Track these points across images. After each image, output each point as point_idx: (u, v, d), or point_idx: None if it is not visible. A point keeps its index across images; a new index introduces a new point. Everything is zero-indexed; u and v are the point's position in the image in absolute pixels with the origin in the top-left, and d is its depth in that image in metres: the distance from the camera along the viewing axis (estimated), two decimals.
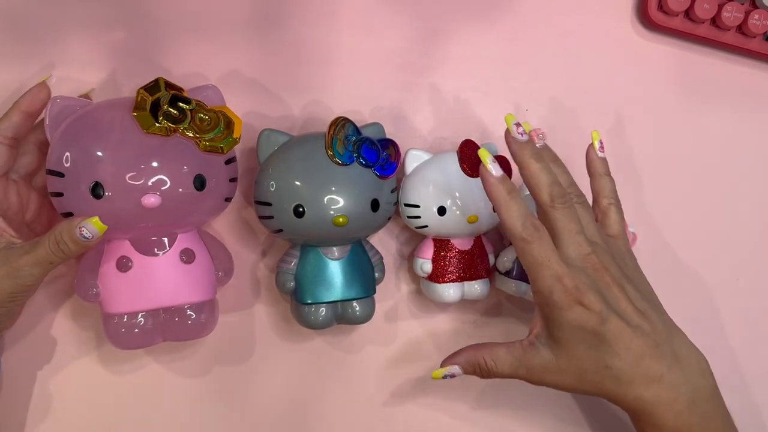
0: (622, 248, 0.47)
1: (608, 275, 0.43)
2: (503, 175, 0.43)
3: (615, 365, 0.42)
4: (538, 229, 0.42)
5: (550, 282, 0.41)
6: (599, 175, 0.48)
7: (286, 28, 0.54)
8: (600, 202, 0.48)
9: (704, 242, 0.60)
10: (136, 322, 0.45)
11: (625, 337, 0.42)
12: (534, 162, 0.44)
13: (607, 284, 0.43)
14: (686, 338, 0.45)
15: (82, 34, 0.51)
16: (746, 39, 0.58)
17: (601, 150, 0.49)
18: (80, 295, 0.46)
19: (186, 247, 0.46)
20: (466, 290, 0.52)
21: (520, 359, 0.44)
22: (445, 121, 0.56)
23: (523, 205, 0.42)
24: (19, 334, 0.50)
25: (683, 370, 0.43)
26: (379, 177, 0.48)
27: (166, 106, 0.42)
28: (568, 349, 0.43)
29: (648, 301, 0.44)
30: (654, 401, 0.43)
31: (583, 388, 0.44)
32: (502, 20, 0.57)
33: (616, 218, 0.47)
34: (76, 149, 0.43)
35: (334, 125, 0.47)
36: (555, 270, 0.41)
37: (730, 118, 0.60)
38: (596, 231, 0.45)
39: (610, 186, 0.48)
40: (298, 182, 0.46)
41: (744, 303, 0.60)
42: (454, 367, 0.46)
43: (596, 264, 0.43)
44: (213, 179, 0.45)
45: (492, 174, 0.42)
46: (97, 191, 0.42)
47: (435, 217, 0.50)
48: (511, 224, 0.42)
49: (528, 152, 0.44)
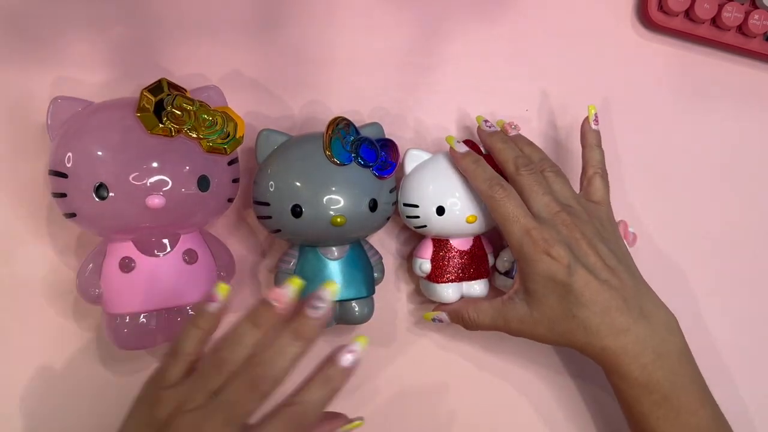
0: (603, 215, 0.49)
1: (578, 232, 0.45)
2: (468, 149, 0.48)
3: (581, 315, 0.44)
4: (504, 188, 0.46)
5: (519, 235, 0.45)
6: (590, 147, 0.51)
7: (287, 29, 0.54)
8: (587, 171, 0.50)
9: (704, 242, 0.60)
10: (139, 322, 0.45)
11: (591, 289, 0.44)
12: (500, 143, 0.49)
13: (577, 240, 0.45)
14: (656, 297, 0.47)
15: (83, 34, 0.50)
16: (746, 39, 0.59)
17: (595, 123, 0.51)
18: (82, 295, 0.46)
19: (189, 248, 0.46)
20: (465, 290, 0.52)
21: (499, 311, 0.47)
22: (444, 121, 0.56)
23: (489, 168, 0.47)
24: (19, 334, 0.50)
25: (651, 325, 0.45)
26: (377, 177, 0.48)
27: (170, 106, 0.42)
28: (539, 299, 0.45)
29: (619, 260, 0.46)
30: (620, 352, 0.44)
31: (554, 338, 0.46)
32: (502, 20, 0.57)
33: (599, 186, 0.50)
34: (78, 150, 0.43)
35: (332, 125, 0.47)
36: (523, 223, 0.45)
37: (730, 118, 0.60)
38: (571, 195, 0.48)
39: (599, 157, 0.51)
40: (296, 182, 0.46)
41: (743, 303, 0.60)
42: (442, 313, 0.51)
43: (566, 220, 0.45)
44: (216, 180, 0.45)
45: (458, 151, 0.48)
46: (101, 192, 0.42)
47: (434, 217, 0.50)
48: (478, 186, 0.47)
49: (495, 137, 0.49)
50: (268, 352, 0.36)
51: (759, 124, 0.61)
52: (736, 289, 0.61)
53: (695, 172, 0.60)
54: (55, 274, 0.50)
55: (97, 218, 0.43)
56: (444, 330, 0.55)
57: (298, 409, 0.35)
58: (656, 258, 0.59)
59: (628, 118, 0.59)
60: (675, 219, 0.60)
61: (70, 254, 0.50)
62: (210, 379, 0.36)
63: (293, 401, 0.36)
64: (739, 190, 0.61)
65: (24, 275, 0.50)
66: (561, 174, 0.49)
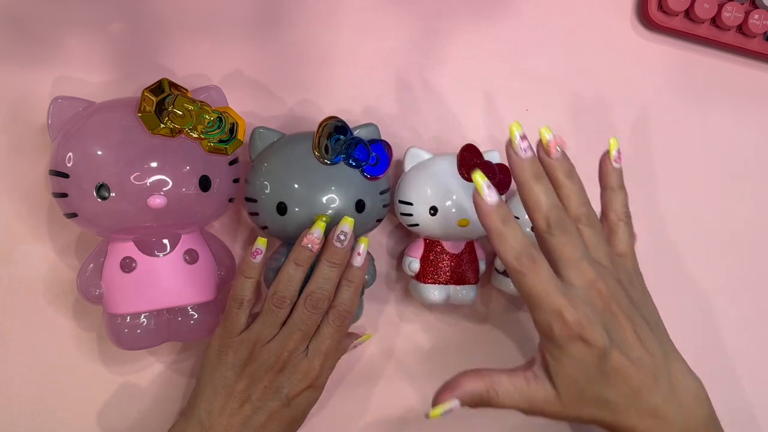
0: (630, 268, 0.45)
1: (615, 304, 0.41)
2: (498, 201, 0.40)
3: (611, 396, 0.41)
4: (534, 260, 0.39)
5: (548, 317, 0.39)
6: (611, 189, 0.46)
7: (288, 28, 0.54)
8: (609, 217, 0.45)
9: (704, 242, 0.60)
10: (140, 322, 0.45)
11: (624, 371, 0.40)
12: (533, 180, 0.41)
13: (614, 314, 0.41)
14: (685, 365, 0.44)
15: (84, 34, 0.50)
16: (746, 39, 0.58)
17: (617, 160, 0.46)
18: (83, 295, 0.46)
19: (189, 248, 0.46)
20: (452, 294, 0.52)
21: (524, 393, 0.42)
22: (443, 122, 0.56)
23: (518, 232, 0.40)
24: (20, 334, 0.50)
25: (679, 402, 0.42)
26: (368, 178, 0.47)
27: (171, 107, 0.42)
28: (566, 382, 0.41)
29: (652, 328, 0.43)
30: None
31: (578, 417, 0.42)
32: (502, 20, 0.57)
33: (624, 236, 0.45)
34: (80, 150, 0.43)
35: (322, 125, 0.46)
36: (554, 304, 0.39)
37: (730, 118, 0.60)
38: (605, 252, 0.42)
39: (622, 200, 0.46)
40: (283, 180, 0.46)
41: (743, 303, 0.61)
42: (454, 401, 0.42)
43: (602, 292, 0.40)
44: (217, 180, 0.45)
45: (486, 201, 0.40)
46: (102, 192, 0.42)
47: (427, 217, 0.50)
48: (504, 256, 0.40)
49: (528, 172, 0.41)
50: (316, 280, 0.46)
51: (759, 124, 0.61)
52: (736, 289, 0.61)
53: (695, 171, 0.60)
54: (55, 274, 0.50)
55: (98, 218, 0.43)
56: (435, 331, 0.55)
57: (339, 308, 0.46)
58: (656, 257, 0.59)
59: (627, 118, 0.59)
60: (675, 218, 0.60)
61: (70, 254, 0.50)
62: (277, 314, 0.46)
63: (333, 305, 0.46)
64: (739, 190, 0.61)
65: (24, 275, 0.50)
66: (596, 224, 0.43)
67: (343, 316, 0.46)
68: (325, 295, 0.46)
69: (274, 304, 0.45)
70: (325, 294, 0.46)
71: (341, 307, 0.46)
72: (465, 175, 0.49)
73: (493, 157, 0.51)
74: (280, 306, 0.45)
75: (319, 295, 0.45)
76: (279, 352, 0.45)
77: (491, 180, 0.47)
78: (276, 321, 0.46)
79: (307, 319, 0.45)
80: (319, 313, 0.46)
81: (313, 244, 0.45)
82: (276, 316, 0.45)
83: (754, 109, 0.61)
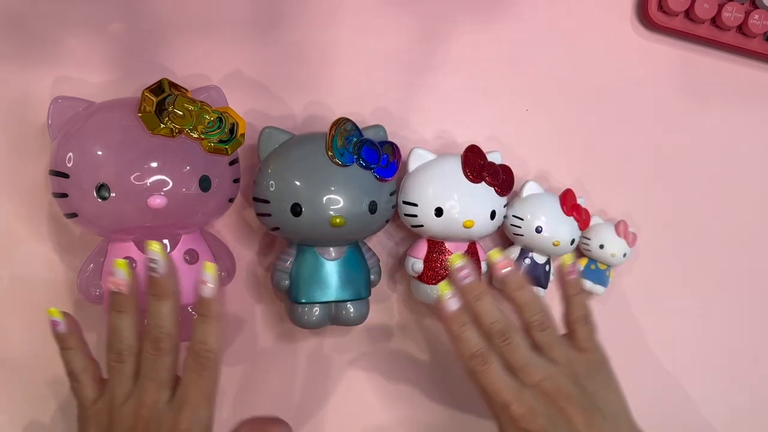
0: (592, 362, 0.46)
1: (563, 398, 0.43)
2: (458, 309, 0.43)
3: None
4: (485, 361, 0.43)
5: (498, 410, 0.43)
6: (569, 297, 0.48)
7: (288, 29, 0.54)
8: (569, 320, 0.47)
9: (704, 241, 0.60)
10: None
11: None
12: (474, 302, 0.44)
13: (561, 408, 0.43)
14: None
15: (84, 34, 0.50)
16: (746, 39, 0.59)
17: (570, 274, 0.48)
18: (83, 295, 0.46)
19: (190, 248, 0.46)
20: None
21: None
22: (445, 122, 0.56)
23: (473, 336, 0.43)
24: (20, 334, 0.50)
25: None
26: (378, 179, 0.48)
27: (171, 107, 0.42)
28: None
29: (606, 417, 0.44)
30: None
31: None
32: (503, 20, 0.57)
33: (584, 335, 0.47)
34: (80, 150, 0.43)
35: (335, 125, 0.46)
36: (502, 399, 0.42)
37: (730, 118, 0.60)
38: (561, 352, 0.45)
39: (579, 303, 0.47)
40: (297, 181, 0.46)
41: (743, 303, 0.61)
42: None
43: (549, 389, 0.43)
44: (217, 180, 0.45)
45: (447, 308, 0.43)
46: (103, 192, 0.42)
47: (431, 218, 0.50)
48: (460, 357, 0.43)
49: (471, 294, 0.44)
50: (149, 319, 0.42)
51: (759, 124, 0.61)
52: (737, 288, 0.61)
53: (695, 171, 0.60)
54: (55, 274, 0.50)
55: (99, 218, 0.43)
56: (438, 332, 0.55)
57: (194, 348, 0.41)
58: (656, 257, 0.59)
59: (627, 117, 0.59)
60: (675, 218, 0.60)
61: (70, 254, 0.50)
62: (121, 369, 0.41)
63: (192, 345, 0.41)
64: (739, 190, 0.61)
65: (24, 275, 0.50)
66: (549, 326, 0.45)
67: (201, 356, 0.41)
68: (162, 332, 0.41)
69: (113, 360, 0.42)
70: (163, 331, 0.41)
71: (197, 347, 0.41)
72: (469, 176, 0.49)
73: (496, 158, 0.51)
74: (119, 360, 0.41)
75: (156, 334, 0.41)
76: (137, 410, 0.40)
77: (496, 181, 0.48)
78: (123, 377, 0.41)
79: (153, 363, 0.41)
80: (165, 354, 0.41)
81: (119, 287, 0.42)
82: (120, 371, 0.41)
83: (754, 109, 0.61)
